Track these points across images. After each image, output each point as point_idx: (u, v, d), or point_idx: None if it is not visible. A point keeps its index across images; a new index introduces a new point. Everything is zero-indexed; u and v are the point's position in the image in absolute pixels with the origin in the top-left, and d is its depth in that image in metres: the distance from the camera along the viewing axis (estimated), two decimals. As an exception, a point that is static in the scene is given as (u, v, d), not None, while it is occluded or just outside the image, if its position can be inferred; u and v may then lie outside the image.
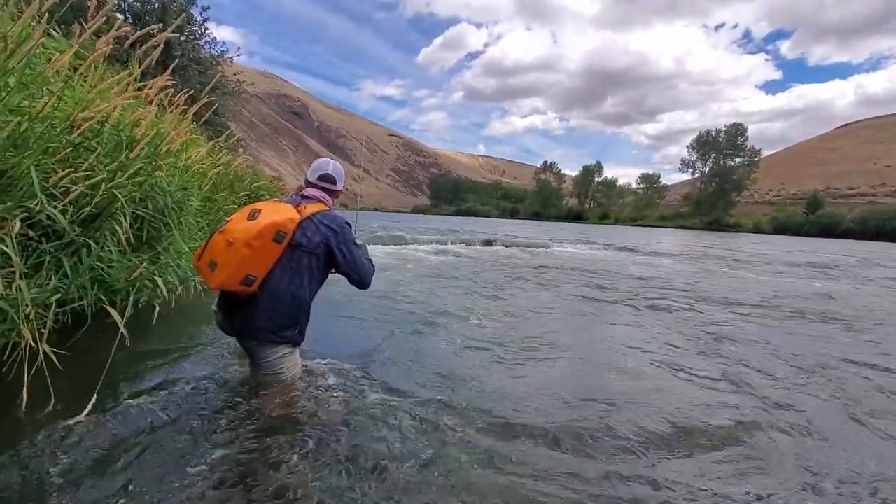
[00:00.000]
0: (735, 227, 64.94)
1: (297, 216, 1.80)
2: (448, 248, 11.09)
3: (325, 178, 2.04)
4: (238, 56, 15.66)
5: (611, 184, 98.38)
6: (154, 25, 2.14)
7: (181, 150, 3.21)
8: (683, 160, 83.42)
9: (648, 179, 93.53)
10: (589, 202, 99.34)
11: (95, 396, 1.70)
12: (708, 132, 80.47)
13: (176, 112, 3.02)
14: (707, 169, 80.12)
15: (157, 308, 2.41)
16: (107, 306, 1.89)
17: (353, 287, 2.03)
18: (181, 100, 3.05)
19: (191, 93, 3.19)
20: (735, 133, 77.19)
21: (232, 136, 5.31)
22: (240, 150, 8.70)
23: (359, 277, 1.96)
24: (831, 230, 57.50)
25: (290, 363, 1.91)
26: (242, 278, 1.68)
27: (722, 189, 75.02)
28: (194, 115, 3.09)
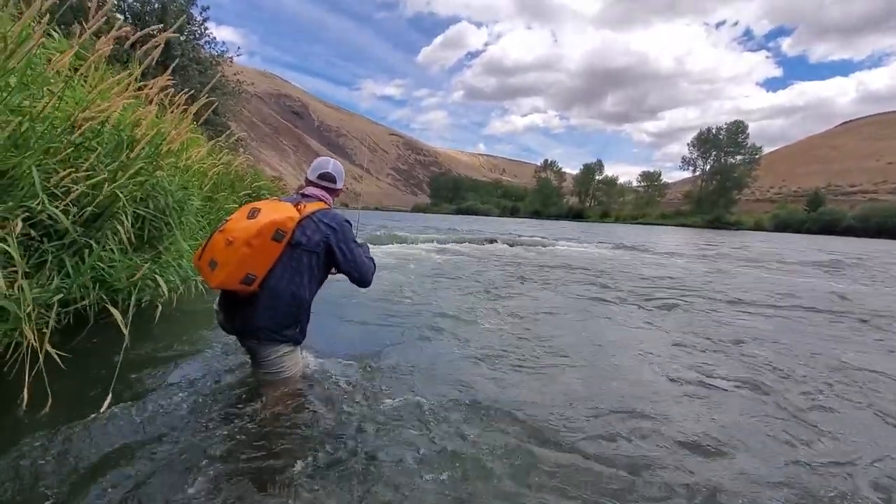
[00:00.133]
0: (736, 225, 64.78)
1: (297, 215, 1.80)
2: (450, 248, 11.03)
3: (325, 177, 2.04)
4: (238, 56, 15.69)
5: (611, 182, 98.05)
6: (154, 26, 2.15)
7: (182, 149, 3.21)
8: (684, 158, 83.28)
9: (649, 177, 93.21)
10: (589, 200, 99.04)
11: (111, 395, 1.71)
12: (709, 130, 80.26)
13: (176, 112, 3.02)
14: (708, 167, 79.89)
15: (159, 307, 2.42)
16: (109, 306, 1.89)
17: (355, 287, 2.03)
18: (182, 99, 3.05)
19: (191, 93, 3.19)
20: (736, 130, 76.95)
21: (232, 135, 5.30)
22: (240, 149, 8.70)
23: (359, 276, 1.96)
24: (833, 227, 57.37)
25: (292, 362, 1.91)
26: (242, 277, 1.69)
27: (723, 187, 74.81)
28: (194, 115, 3.09)
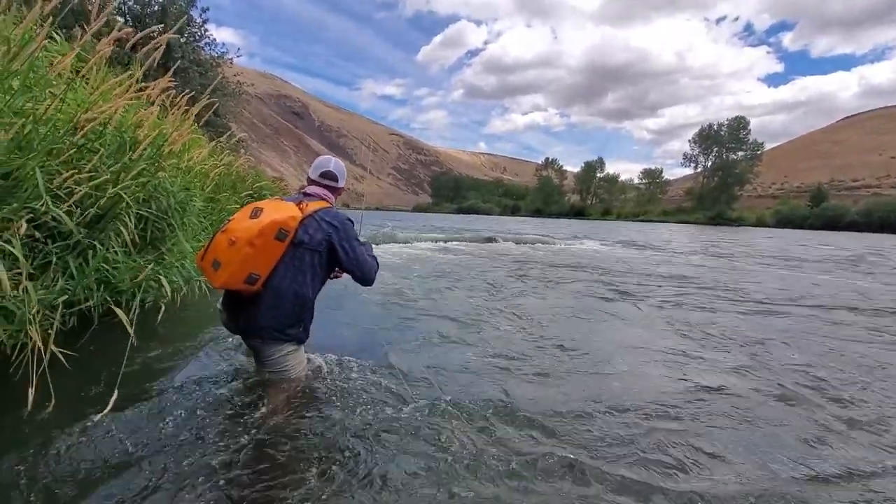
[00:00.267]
0: (738, 222, 64.57)
1: (299, 214, 1.80)
2: (453, 247, 10.99)
3: (327, 176, 2.04)
4: (238, 57, 15.73)
5: (613, 179, 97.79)
6: (154, 27, 2.15)
7: (183, 150, 3.22)
8: (685, 155, 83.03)
9: (650, 174, 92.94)
10: (591, 198, 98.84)
11: (117, 392, 1.71)
12: (710, 126, 79.94)
13: (178, 113, 3.03)
14: (709, 163, 79.61)
15: (162, 308, 2.43)
16: (114, 307, 1.90)
17: (359, 286, 2.04)
18: (183, 101, 3.06)
19: (192, 94, 3.20)
20: (737, 127, 76.64)
21: (233, 136, 5.32)
22: (241, 150, 8.71)
23: (362, 274, 1.96)
24: (836, 223, 57.12)
25: (296, 361, 1.92)
26: (246, 277, 1.69)
27: (724, 183, 74.54)
28: (195, 116, 3.10)
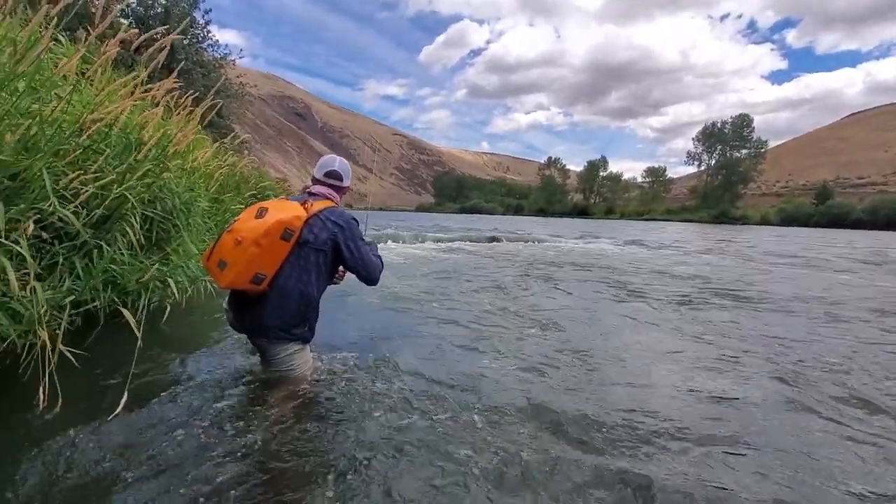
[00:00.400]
0: (742, 220, 64.21)
1: (304, 213, 1.80)
2: (457, 246, 10.94)
3: (332, 175, 2.04)
4: (241, 58, 15.79)
5: (616, 178, 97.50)
6: (158, 28, 2.16)
7: (188, 151, 3.23)
8: (689, 153, 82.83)
9: (654, 173, 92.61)
10: (594, 197, 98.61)
11: (126, 394, 1.71)
12: (714, 124, 79.65)
13: (183, 114, 3.04)
14: (713, 161, 79.30)
15: (168, 308, 2.44)
16: (121, 308, 1.91)
17: (365, 287, 2.04)
18: (188, 101, 3.07)
19: (195, 95, 3.21)
20: (741, 124, 76.26)
21: (237, 137, 5.34)
22: (245, 151, 8.75)
23: (367, 274, 1.96)
24: (841, 221, 56.72)
25: (301, 360, 1.92)
26: (252, 277, 1.70)
27: (728, 181, 74.19)
28: (199, 117, 3.12)
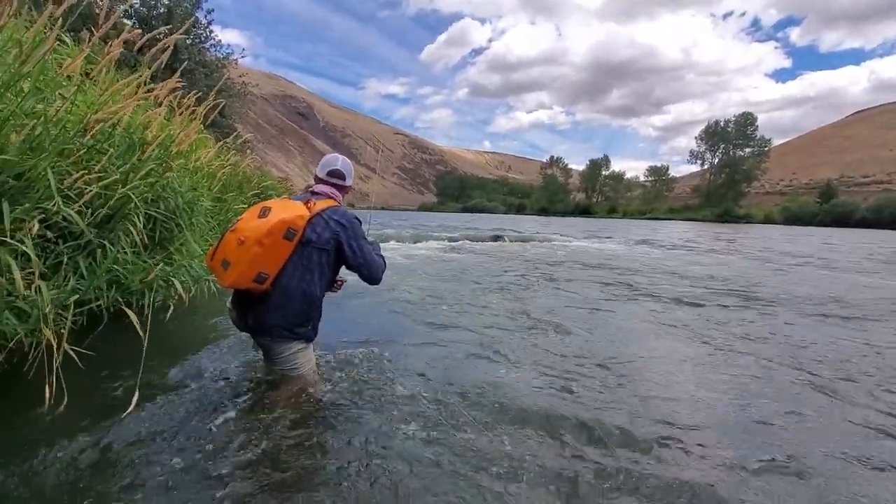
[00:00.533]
0: (745, 219, 63.91)
1: (307, 213, 1.80)
2: (460, 245, 10.93)
3: (335, 174, 2.04)
4: (243, 58, 15.83)
5: (618, 177, 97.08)
6: (161, 29, 2.16)
7: (191, 151, 3.24)
8: (692, 151, 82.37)
9: (656, 172, 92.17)
10: (596, 196, 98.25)
11: (137, 392, 1.71)
12: (717, 122, 79.19)
13: (185, 114, 3.05)
14: (716, 160, 78.89)
15: (171, 307, 2.45)
16: (125, 308, 1.92)
17: (369, 286, 2.05)
18: (191, 101, 3.08)
19: (198, 94, 3.22)
20: (744, 123, 75.82)
21: (239, 137, 5.35)
22: (247, 151, 8.78)
23: (369, 273, 1.96)
24: (845, 219, 56.41)
25: (304, 359, 1.93)
26: (255, 276, 1.70)
27: (731, 180, 73.81)
28: (201, 117, 3.12)
